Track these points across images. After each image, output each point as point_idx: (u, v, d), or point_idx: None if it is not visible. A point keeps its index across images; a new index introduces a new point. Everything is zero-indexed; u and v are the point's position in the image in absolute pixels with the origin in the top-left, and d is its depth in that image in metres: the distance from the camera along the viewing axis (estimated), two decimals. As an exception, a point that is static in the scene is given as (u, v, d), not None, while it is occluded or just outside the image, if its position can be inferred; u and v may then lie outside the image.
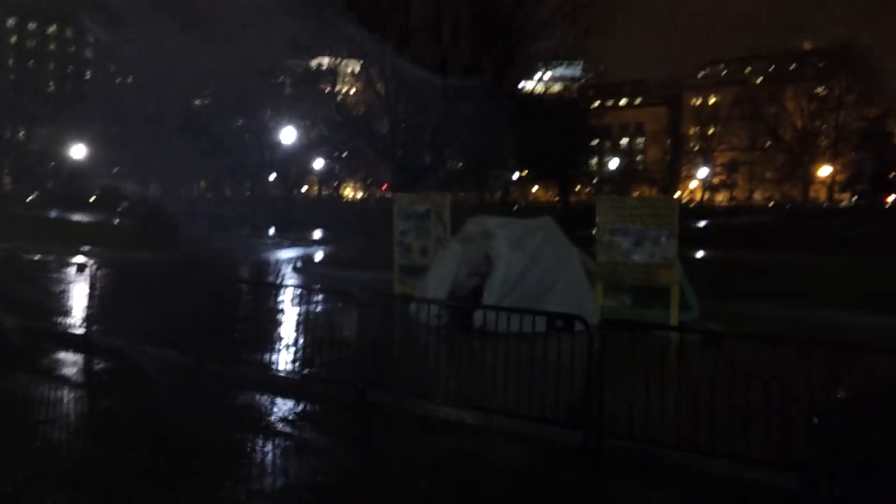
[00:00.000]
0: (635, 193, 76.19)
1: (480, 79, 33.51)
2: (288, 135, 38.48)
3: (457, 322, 10.62)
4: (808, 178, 66.76)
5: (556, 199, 74.47)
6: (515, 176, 65.49)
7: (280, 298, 11.46)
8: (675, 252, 10.46)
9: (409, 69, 29.39)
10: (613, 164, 64.11)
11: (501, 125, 33.85)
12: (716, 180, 76.36)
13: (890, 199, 59.16)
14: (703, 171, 69.31)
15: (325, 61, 39.90)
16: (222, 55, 41.82)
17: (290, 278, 16.99)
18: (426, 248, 12.83)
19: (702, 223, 34.54)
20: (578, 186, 71.98)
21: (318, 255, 23.14)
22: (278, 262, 20.83)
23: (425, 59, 30.61)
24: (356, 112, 34.34)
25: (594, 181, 71.64)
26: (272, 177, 59.11)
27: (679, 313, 10.58)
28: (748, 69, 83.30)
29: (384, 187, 67.42)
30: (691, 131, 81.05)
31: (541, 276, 10.31)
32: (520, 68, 37.29)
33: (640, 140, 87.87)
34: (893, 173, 56.12)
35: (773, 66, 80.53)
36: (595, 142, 64.59)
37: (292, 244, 28.20)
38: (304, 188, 75.83)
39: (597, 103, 69.96)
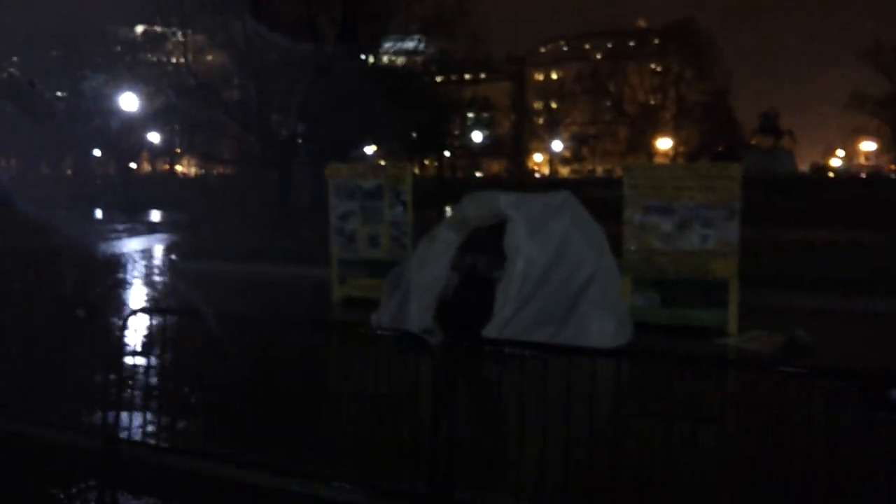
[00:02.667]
0: (494, 167, 75.69)
1: (354, 42, 30.04)
2: (128, 102, 33.02)
3: (457, 341, 7.59)
4: (652, 151, 68.20)
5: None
6: (371, 150, 62.35)
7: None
8: (738, 236, 7.92)
9: (274, 26, 25.41)
10: (477, 137, 62.08)
11: (372, 96, 30.59)
12: (566, 153, 76.59)
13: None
14: (556, 145, 69.01)
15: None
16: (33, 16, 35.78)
17: (169, 277, 13.07)
18: (378, 237, 9.61)
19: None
20: (428, 161, 69.95)
21: (189, 244, 18.93)
22: (146, 256, 16.57)
23: (292, 17, 26.72)
24: (214, 76, 29.74)
25: (447, 155, 69.70)
26: (96, 152, 52.31)
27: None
28: (587, 46, 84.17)
29: (220, 169, 62.21)
30: (537, 106, 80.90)
31: (570, 272, 7.45)
32: (390, 34, 34.13)
33: (485, 115, 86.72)
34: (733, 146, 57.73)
35: (611, 43, 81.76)
36: (456, 118, 62.36)
37: (149, 230, 23.60)
38: (134, 164, 68.31)
39: (440, 78, 68.18)
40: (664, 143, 68.83)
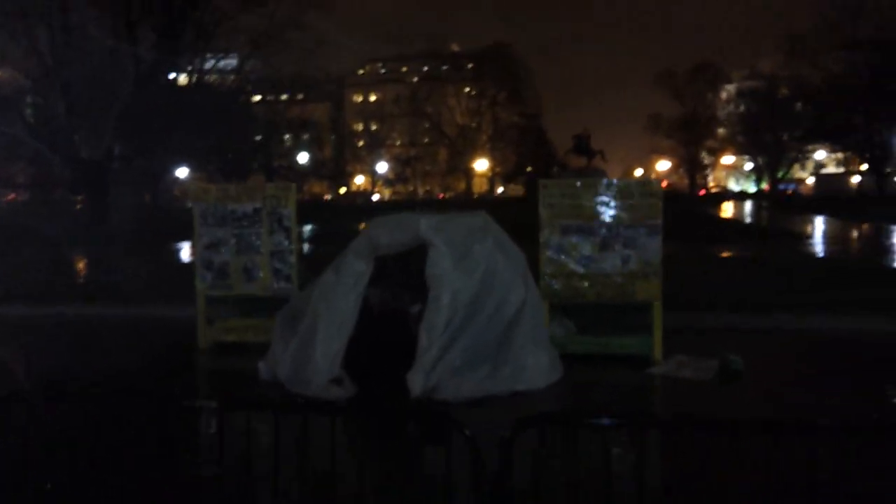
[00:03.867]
0: (315, 189, 73.63)
1: (176, 54, 27.77)
2: None
3: (374, 388, 6.48)
4: (470, 173, 69.53)
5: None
6: (185, 174, 58.80)
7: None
8: (660, 256, 7.39)
9: (86, 34, 22.76)
10: (302, 158, 59.99)
11: (194, 113, 28.44)
12: (390, 175, 76.37)
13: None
14: (381, 166, 68.46)
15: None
16: None
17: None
18: (254, 269, 8.20)
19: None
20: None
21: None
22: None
23: (108, 24, 24.07)
24: (10, 89, 26.14)
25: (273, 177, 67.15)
26: None
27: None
28: (404, 68, 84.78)
29: (11, 196, 56.17)
30: (357, 127, 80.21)
31: (498, 303, 6.53)
32: (215, 49, 31.95)
33: (305, 136, 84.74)
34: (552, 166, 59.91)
35: (427, 67, 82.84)
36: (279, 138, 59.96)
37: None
38: None
39: (257, 98, 65.79)
40: (482, 165, 70.42)
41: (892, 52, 36.69)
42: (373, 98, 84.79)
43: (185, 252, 21.88)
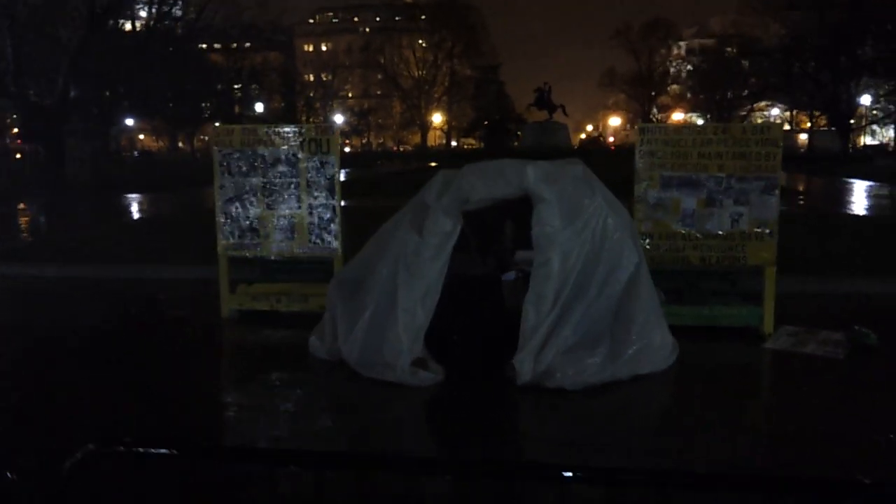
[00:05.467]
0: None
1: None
2: None
3: (467, 372, 5.26)
4: (426, 125, 67.73)
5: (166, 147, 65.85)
6: (130, 122, 55.88)
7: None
8: (777, 214, 6.28)
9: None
10: (259, 108, 57.17)
11: (146, 60, 26.27)
12: (345, 127, 73.95)
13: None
14: (337, 118, 66.01)
15: None
16: None
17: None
18: (289, 225, 6.81)
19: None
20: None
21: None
22: None
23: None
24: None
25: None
26: None
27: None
28: (356, 18, 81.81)
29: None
30: (308, 78, 77.13)
31: (610, 269, 5.32)
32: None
33: (254, 86, 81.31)
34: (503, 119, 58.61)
35: (379, 17, 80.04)
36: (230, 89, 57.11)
37: None
38: None
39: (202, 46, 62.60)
40: (437, 118, 68.68)
41: (855, 9, 36.32)
42: (324, 48, 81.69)
43: (174, 204, 20.13)
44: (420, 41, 71.70)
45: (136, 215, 18.16)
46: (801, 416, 4.61)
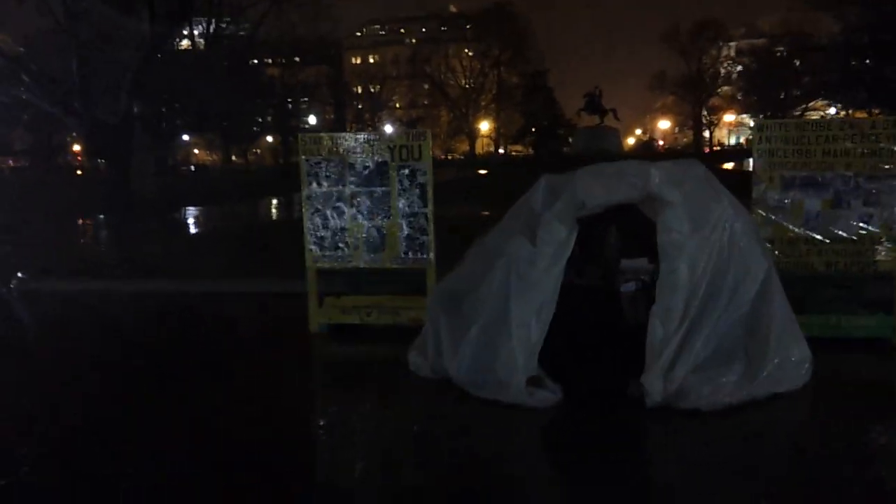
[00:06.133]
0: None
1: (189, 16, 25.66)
2: None
3: (587, 392, 4.83)
4: (473, 133, 67.38)
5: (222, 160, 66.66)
6: (186, 138, 56.80)
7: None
8: (911, 215, 5.71)
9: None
10: (312, 121, 57.62)
11: (207, 77, 26.39)
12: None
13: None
14: (388, 129, 66.12)
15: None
16: None
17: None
18: (382, 236, 6.47)
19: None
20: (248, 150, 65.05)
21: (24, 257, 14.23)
22: None
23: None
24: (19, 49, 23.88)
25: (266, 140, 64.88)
26: None
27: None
28: (403, 30, 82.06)
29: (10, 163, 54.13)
30: (356, 89, 77.51)
31: (739, 279, 4.84)
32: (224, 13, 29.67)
33: (304, 100, 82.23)
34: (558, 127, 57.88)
35: (426, 28, 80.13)
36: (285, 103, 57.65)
37: None
38: None
39: (254, 61, 63.45)
40: (485, 126, 68.34)
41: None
42: (372, 60, 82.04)
43: (243, 216, 20.12)
44: (466, 50, 71.53)
45: (209, 228, 18.16)
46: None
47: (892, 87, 37.76)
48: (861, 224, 5.70)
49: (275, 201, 26.70)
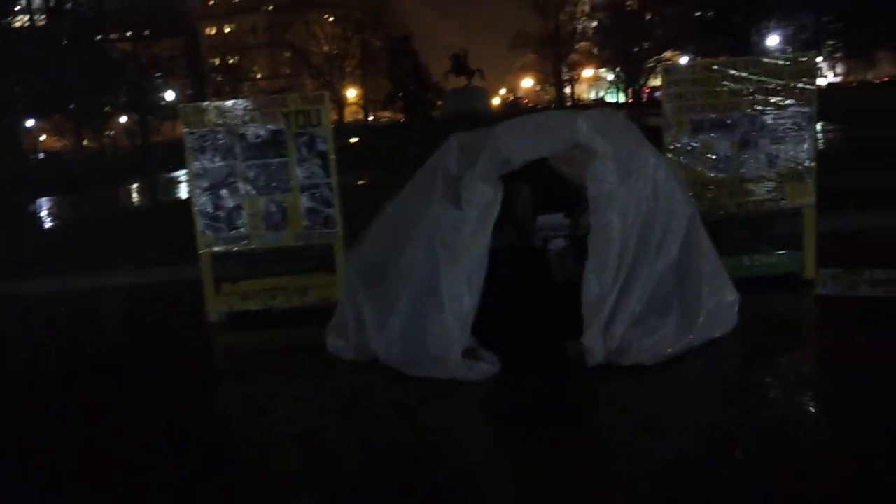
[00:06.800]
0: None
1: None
2: None
3: (525, 358, 4.58)
4: (341, 101, 65.86)
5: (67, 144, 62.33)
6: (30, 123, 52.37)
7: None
8: (815, 150, 5.77)
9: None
10: (169, 97, 54.05)
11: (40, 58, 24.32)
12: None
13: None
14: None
15: None
16: None
17: None
18: (281, 212, 5.92)
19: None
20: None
21: None
22: None
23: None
24: None
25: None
26: None
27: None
28: (258, -3, 78.71)
29: None
30: (214, 62, 73.80)
31: (667, 224, 4.69)
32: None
33: (159, 75, 77.49)
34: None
35: (281, -6, 77.26)
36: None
37: None
38: None
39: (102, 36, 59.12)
40: (353, 93, 67.01)
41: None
42: (228, 30, 78.26)
43: (113, 202, 18.59)
44: (326, 15, 69.55)
45: (76, 218, 16.69)
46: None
47: (738, 34, 39.84)
48: (769, 162, 5.70)
49: (139, 184, 24.99)
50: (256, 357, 5.36)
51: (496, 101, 74.61)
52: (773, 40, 38.33)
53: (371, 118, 69.46)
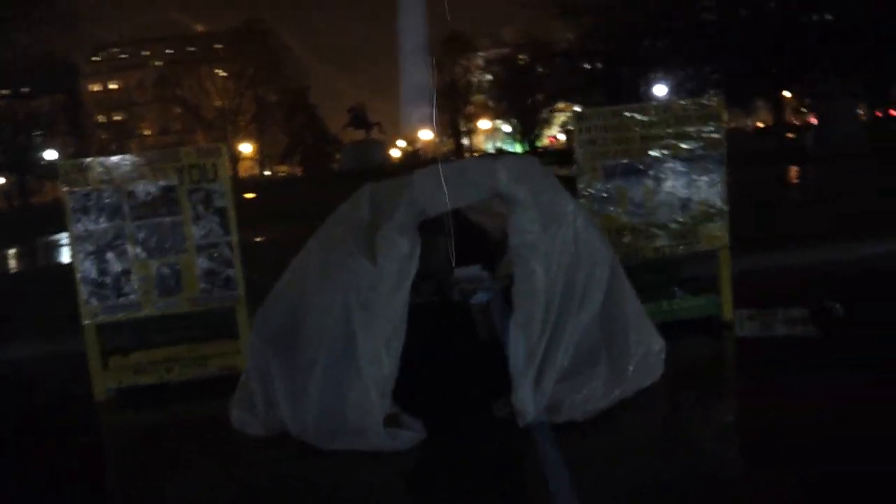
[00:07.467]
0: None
1: None
2: None
3: (451, 422, 4.30)
4: (237, 156, 64.64)
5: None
6: None
7: None
8: (726, 192, 5.82)
9: None
10: (51, 156, 51.31)
11: None
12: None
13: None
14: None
15: None
16: None
17: None
18: (176, 275, 5.45)
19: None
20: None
21: None
22: None
23: None
24: None
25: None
26: None
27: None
28: (146, 53, 77.01)
29: None
30: (100, 119, 71.19)
31: (590, 272, 4.54)
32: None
33: (38, 133, 73.99)
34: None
35: (172, 49, 75.91)
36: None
37: None
38: None
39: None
40: (248, 148, 65.92)
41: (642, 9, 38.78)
42: (114, 86, 75.94)
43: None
44: (218, 71, 68.61)
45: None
46: (823, 402, 4.10)
47: (625, 87, 41.65)
48: (682, 206, 5.71)
49: (17, 249, 23.36)
50: (150, 438, 4.82)
51: (396, 153, 75.15)
52: (659, 90, 40.27)
53: (268, 172, 68.50)
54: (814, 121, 37.17)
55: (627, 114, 5.60)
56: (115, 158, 5.32)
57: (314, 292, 4.44)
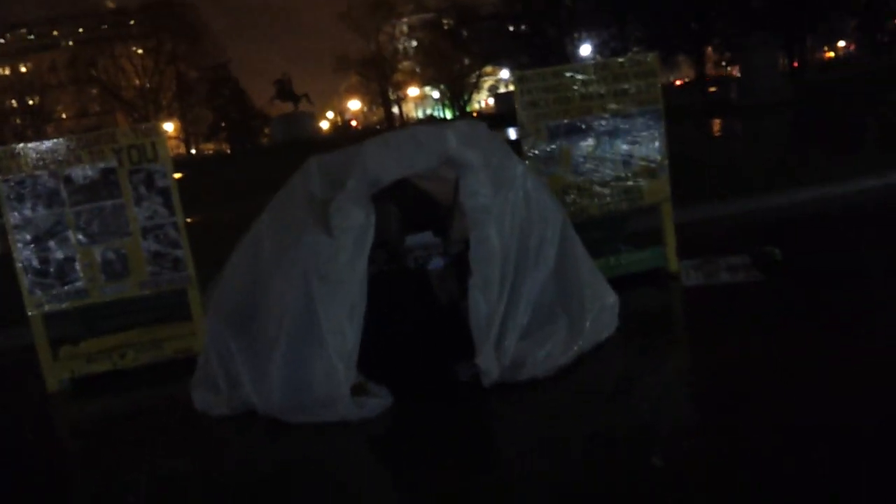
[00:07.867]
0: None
1: None
2: None
3: (416, 388, 4.35)
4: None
5: None
6: None
7: None
8: (665, 147, 5.97)
9: None
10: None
11: None
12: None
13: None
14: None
15: None
16: None
17: None
18: (121, 259, 5.32)
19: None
20: None
21: None
22: None
23: None
24: None
25: None
26: None
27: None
28: (56, 32, 73.61)
29: None
30: (12, 104, 67.98)
31: (542, 231, 4.63)
32: None
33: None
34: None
35: (81, 29, 72.71)
36: None
37: None
38: None
39: None
40: (171, 127, 63.93)
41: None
42: (24, 69, 72.48)
43: None
44: (135, 48, 66.11)
45: None
46: (770, 346, 4.30)
47: (553, 49, 41.93)
48: (624, 162, 5.83)
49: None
50: (108, 425, 4.73)
51: (325, 124, 74.05)
52: (585, 49, 40.72)
53: (194, 151, 66.71)
54: (736, 74, 38.20)
55: (567, 74, 5.67)
56: (48, 143, 5.14)
57: (270, 269, 4.40)
